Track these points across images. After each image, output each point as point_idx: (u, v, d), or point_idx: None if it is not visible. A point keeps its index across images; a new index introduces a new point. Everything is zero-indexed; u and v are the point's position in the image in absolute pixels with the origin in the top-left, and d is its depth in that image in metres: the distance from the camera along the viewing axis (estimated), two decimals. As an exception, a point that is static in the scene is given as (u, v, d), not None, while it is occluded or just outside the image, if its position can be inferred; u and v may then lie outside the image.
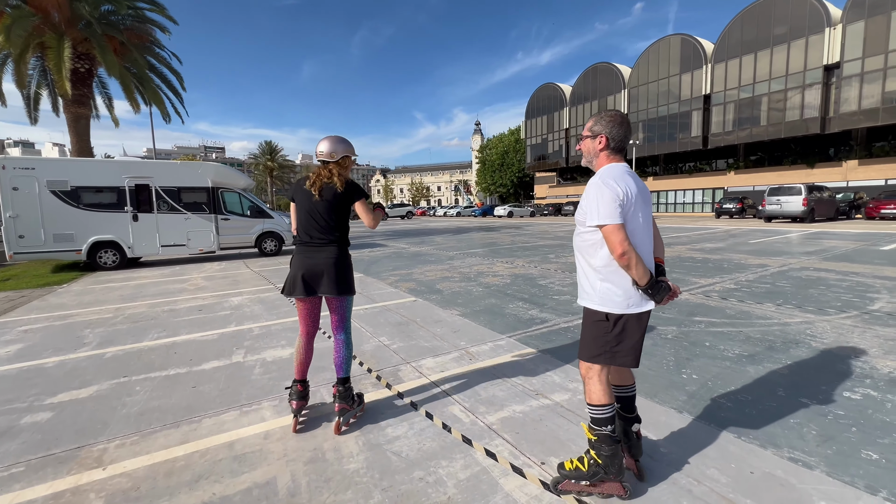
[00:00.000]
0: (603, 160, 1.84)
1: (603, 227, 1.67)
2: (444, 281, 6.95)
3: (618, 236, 1.64)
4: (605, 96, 43.76)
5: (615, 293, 1.73)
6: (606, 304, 1.75)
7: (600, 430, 1.78)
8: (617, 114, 1.84)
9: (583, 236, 1.81)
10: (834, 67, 28.55)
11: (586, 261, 1.81)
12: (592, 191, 1.72)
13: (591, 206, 1.71)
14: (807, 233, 13.84)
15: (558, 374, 3.09)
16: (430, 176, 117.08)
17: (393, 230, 22.69)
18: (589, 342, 1.81)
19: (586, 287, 1.83)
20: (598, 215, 1.67)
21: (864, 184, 28.41)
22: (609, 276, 1.74)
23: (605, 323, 1.76)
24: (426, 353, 3.61)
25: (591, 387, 1.81)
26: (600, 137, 1.82)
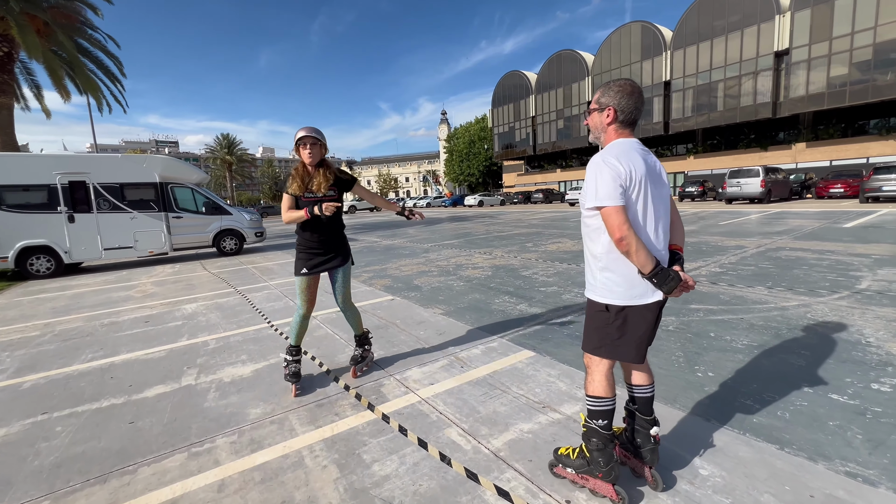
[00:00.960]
0: (610, 136, 1.67)
1: (601, 208, 1.52)
2: (421, 276, 6.52)
3: (616, 219, 1.48)
4: (570, 83, 44.07)
5: (615, 283, 1.59)
6: (606, 295, 1.62)
7: (593, 422, 1.69)
8: (627, 82, 1.65)
9: (585, 221, 1.65)
10: (783, 54, 29.79)
11: (589, 248, 1.68)
12: (591, 170, 1.56)
13: (589, 186, 1.55)
14: (769, 213, 14.30)
15: (562, 380, 2.75)
16: (398, 167, 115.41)
17: (362, 223, 21.96)
18: (591, 333, 1.71)
19: (588, 277, 1.71)
20: (597, 196, 1.51)
21: (811, 165, 30.03)
22: (609, 265, 1.60)
23: (606, 314, 1.64)
24: (411, 362, 3.19)
25: (593, 377, 1.72)
26: (608, 110, 1.65)
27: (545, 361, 3.05)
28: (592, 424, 1.69)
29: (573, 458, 1.76)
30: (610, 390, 1.70)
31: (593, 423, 1.69)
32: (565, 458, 1.79)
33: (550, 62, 45.79)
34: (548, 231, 12.27)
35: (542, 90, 47.06)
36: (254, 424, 2.42)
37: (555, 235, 11.00)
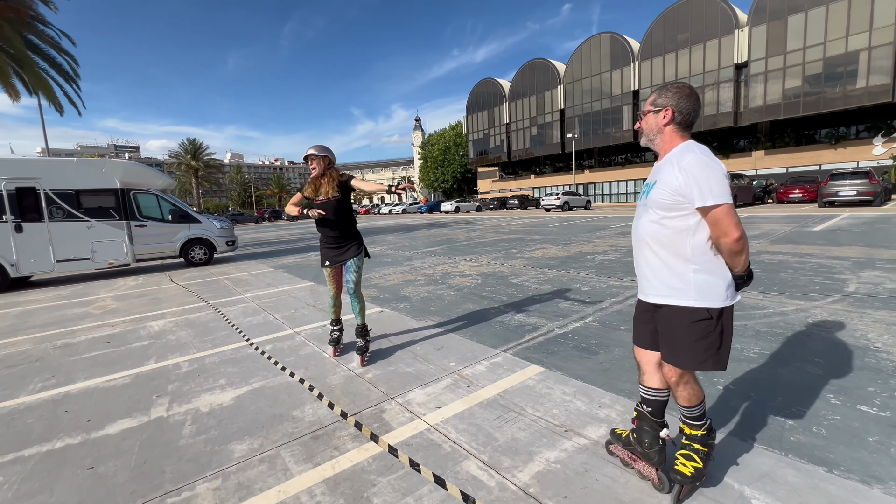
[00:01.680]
0: (672, 137, 1.65)
1: (717, 207, 1.46)
2: (408, 285, 6.25)
3: (734, 217, 1.46)
4: (543, 91, 44.90)
5: (715, 284, 1.54)
6: (707, 299, 1.54)
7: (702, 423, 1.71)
8: (685, 85, 1.65)
9: (666, 223, 1.58)
10: (743, 66, 31.37)
11: (670, 251, 1.59)
12: (701, 167, 1.48)
13: (699, 184, 1.47)
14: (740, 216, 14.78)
15: (579, 398, 2.56)
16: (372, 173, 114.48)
17: (338, 230, 21.40)
18: (690, 346, 1.58)
19: (671, 282, 1.60)
20: (713, 194, 1.45)
21: (770, 171, 31.61)
22: (706, 266, 1.54)
23: (710, 321, 1.55)
24: (412, 382, 2.93)
25: (688, 391, 1.68)
26: (665, 111, 1.64)
27: (556, 377, 2.86)
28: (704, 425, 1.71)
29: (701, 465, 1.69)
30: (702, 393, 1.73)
31: (704, 424, 1.71)
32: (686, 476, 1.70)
33: (523, 70, 46.56)
34: (529, 237, 12.23)
35: (516, 98, 47.75)
36: (240, 464, 2.10)
37: (538, 241, 10.95)
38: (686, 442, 1.73)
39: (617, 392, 2.60)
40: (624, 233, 11.82)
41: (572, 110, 42.30)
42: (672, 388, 1.71)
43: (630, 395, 2.55)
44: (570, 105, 42.47)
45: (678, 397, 1.71)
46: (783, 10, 28.98)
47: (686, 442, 1.73)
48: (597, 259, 7.52)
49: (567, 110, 42.80)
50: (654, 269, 1.65)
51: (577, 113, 41.88)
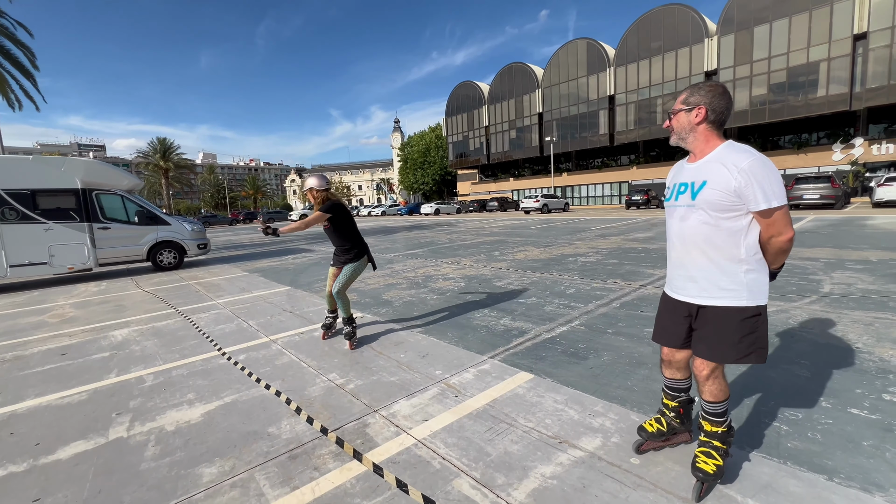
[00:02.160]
0: (708, 136, 1.65)
1: (780, 209, 1.50)
2: (390, 289, 6.08)
3: (789, 217, 1.53)
4: (521, 95, 45.38)
5: (762, 282, 1.60)
6: (756, 297, 1.59)
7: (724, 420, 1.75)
8: (717, 84, 1.66)
9: (721, 224, 1.59)
10: (712, 74, 32.46)
11: (723, 253, 1.60)
12: (760, 168, 1.49)
13: (762, 186, 1.48)
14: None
15: (572, 406, 2.47)
16: (351, 175, 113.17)
17: (316, 232, 20.91)
18: (735, 343, 1.61)
19: (723, 283, 1.61)
20: (776, 196, 1.49)
21: (738, 176, 32.75)
22: (756, 266, 1.59)
23: (758, 318, 1.60)
24: (396, 393, 2.78)
25: (716, 386, 1.72)
26: (698, 110, 1.63)
27: (547, 385, 2.77)
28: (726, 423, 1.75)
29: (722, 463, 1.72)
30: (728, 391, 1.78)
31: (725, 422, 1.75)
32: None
33: (502, 74, 46.94)
34: (511, 239, 12.22)
35: (495, 101, 48.09)
36: (209, 491, 1.91)
37: (519, 244, 10.94)
38: (705, 439, 1.76)
39: (609, 399, 2.52)
40: (604, 235, 11.95)
41: (550, 114, 42.89)
42: (700, 383, 1.75)
43: (623, 401, 2.48)
44: (548, 109, 43.06)
45: (705, 392, 1.75)
46: (749, 21, 30.19)
47: (705, 439, 1.76)
48: (579, 261, 7.53)
49: (545, 114, 43.38)
50: (704, 271, 1.65)
51: (555, 117, 42.49)
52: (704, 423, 1.77)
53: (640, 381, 2.73)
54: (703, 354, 1.69)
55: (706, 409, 1.76)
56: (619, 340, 3.49)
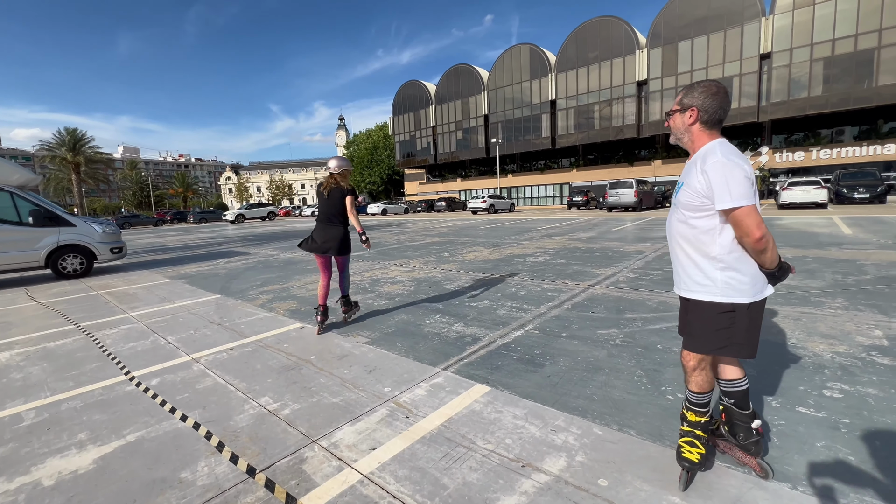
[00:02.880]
0: (700, 136, 1.67)
1: (737, 209, 1.50)
2: (333, 295, 5.64)
3: (755, 218, 1.50)
4: (468, 96, 45.85)
5: (741, 281, 1.59)
6: (731, 295, 1.60)
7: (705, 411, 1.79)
8: (712, 83, 1.66)
9: (692, 223, 1.64)
10: (643, 84, 34.81)
11: (697, 250, 1.65)
12: (721, 169, 1.51)
13: (719, 186, 1.51)
14: (646, 220, 16.21)
15: (532, 422, 2.30)
16: (293, 173, 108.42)
17: (254, 234, 19.59)
18: (709, 335, 1.67)
19: (698, 278, 1.67)
20: (731, 196, 1.49)
21: (666, 179, 35.42)
22: (733, 264, 1.60)
23: (732, 314, 1.62)
24: (339, 416, 2.46)
25: (703, 376, 1.76)
26: (691, 111, 1.66)
27: (505, 398, 2.58)
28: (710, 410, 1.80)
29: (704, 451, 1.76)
30: (713, 383, 1.80)
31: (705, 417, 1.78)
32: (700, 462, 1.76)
33: (448, 75, 47.15)
34: (460, 240, 12.12)
35: (441, 101, 48.19)
36: (91, 569, 1.49)
37: (468, 244, 10.85)
38: (688, 429, 1.80)
39: (570, 411, 2.39)
40: (549, 234, 12.22)
41: (496, 116, 43.73)
42: (687, 374, 1.80)
43: (584, 413, 2.35)
44: (493, 111, 43.86)
45: (690, 382, 1.79)
46: (674, 36, 32.72)
47: (688, 429, 1.80)
48: (528, 261, 7.55)
49: (491, 116, 44.16)
50: (683, 266, 1.72)
51: (501, 119, 43.39)
52: (688, 414, 1.81)
53: (599, 389, 2.63)
54: (685, 345, 1.78)
55: (691, 399, 1.81)
56: (574, 344, 3.41)
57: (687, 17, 31.93)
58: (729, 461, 1.89)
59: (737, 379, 1.81)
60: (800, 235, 9.34)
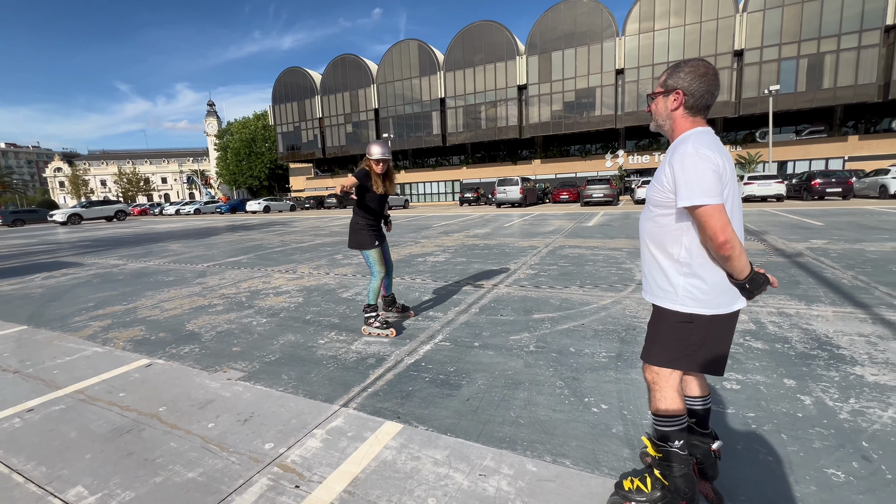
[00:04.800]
0: (682, 122, 1.47)
1: (700, 207, 1.31)
2: (198, 314, 4.59)
3: (719, 220, 1.30)
4: (357, 88, 44.19)
5: (702, 290, 1.41)
6: (690, 305, 1.43)
7: (669, 446, 1.49)
8: (700, 63, 1.45)
9: (659, 220, 1.47)
10: (524, 88, 37.44)
11: (662, 251, 1.48)
12: (685, 161, 1.33)
13: (683, 181, 1.33)
14: (533, 215, 17.31)
15: (456, 466, 1.92)
16: (150, 165, 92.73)
17: (94, 238, 15.89)
18: (666, 345, 1.49)
19: (661, 283, 1.49)
20: (693, 193, 1.31)
21: (544, 177, 38.80)
22: (696, 271, 1.41)
23: (689, 325, 1.44)
24: (197, 502, 1.76)
25: (663, 394, 1.51)
26: (675, 94, 1.45)
27: (421, 437, 2.16)
28: (669, 447, 1.49)
29: (647, 490, 1.52)
30: (683, 404, 1.53)
31: (669, 447, 1.49)
32: (637, 493, 1.53)
33: (335, 64, 44.86)
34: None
35: (329, 92, 45.70)
36: None
37: (364, 244, 10.16)
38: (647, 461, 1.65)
39: (498, 444, 2.06)
40: (446, 231, 12.16)
41: (386, 111, 42.97)
42: (648, 390, 1.59)
43: (513, 444, 2.05)
44: (384, 105, 43.02)
45: (650, 401, 1.57)
46: (548, 46, 35.80)
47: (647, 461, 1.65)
48: (428, 261, 7.24)
49: (381, 110, 43.25)
50: (649, 268, 1.55)
51: (392, 114, 42.77)
52: (647, 441, 1.59)
53: (523, 410, 2.37)
54: (642, 353, 1.59)
55: (653, 421, 1.57)
56: (489, 356, 3.14)
57: (557, 31, 35.18)
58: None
59: (702, 396, 1.64)
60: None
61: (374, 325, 3.64)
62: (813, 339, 3.13)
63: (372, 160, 3.60)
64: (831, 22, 28.46)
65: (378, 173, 3.63)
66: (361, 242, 3.66)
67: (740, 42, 30.67)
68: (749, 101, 30.88)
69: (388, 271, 3.94)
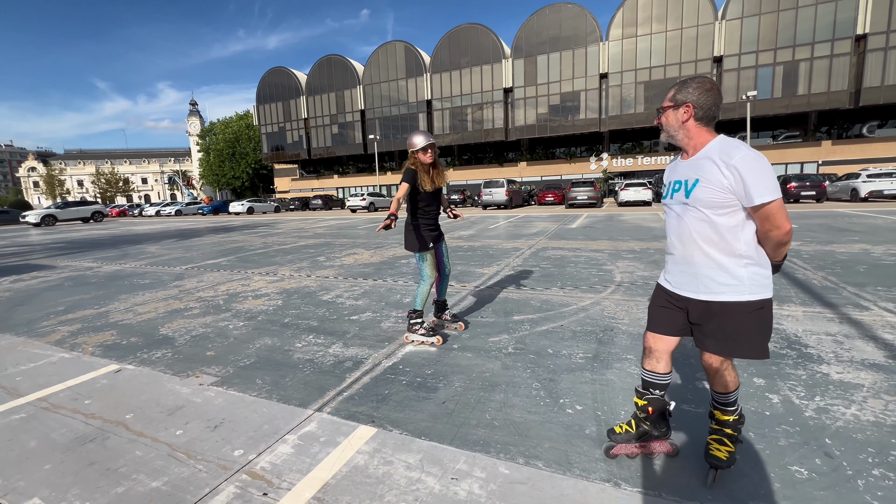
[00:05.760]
0: (699, 132, 1.64)
1: (771, 203, 1.47)
2: (173, 318, 4.48)
3: (785, 210, 1.49)
4: (342, 89, 43.94)
5: (764, 275, 1.60)
6: (759, 291, 1.58)
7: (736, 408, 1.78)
8: (705, 79, 1.64)
9: (714, 220, 1.58)
10: (510, 91, 37.71)
11: (720, 249, 1.59)
12: (753, 165, 1.47)
13: (753, 182, 1.46)
14: (518, 217, 17.41)
15: (429, 470, 1.90)
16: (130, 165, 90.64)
17: (68, 240, 15.41)
18: (752, 337, 1.62)
19: (722, 279, 1.60)
20: (768, 190, 1.46)
21: (530, 179, 39.10)
22: (756, 259, 1.59)
23: (762, 311, 1.59)
24: (159, 514, 1.71)
25: (727, 377, 1.73)
26: (685, 107, 1.63)
27: (395, 441, 2.13)
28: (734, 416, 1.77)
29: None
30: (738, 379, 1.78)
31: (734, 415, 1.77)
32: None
33: (321, 65, 44.54)
34: (338, 241, 11.25)
35: (314, 92, 45.33)
36: None
37: (347, 246, 10.09)
38: (717, 427, 1.79)
39: (471, 446, 2.06)
40: (431, 234, 12.13)
41: (373, 112, 42.81)
42: (711, 376, 1.76)
43: (486, 447, 2.04)
44: (370, 107, 42.86)
45: (716, 384, 1.76)
46: (533, 50, 36.15)
47: (717, 427, 1.79)
48: (411, 263, 7.22)
49: (367, 112, 43.08)
50: (703, 268, 1.63)
51: (378, 115, 42.64)
52: (716, 413, 1.80)
53: (499, 412, 2.36)
54: (711, 349, 1.68)
55: (717, 399, 1.79)
56: (467, 357, 3.13)
57: (543, 35, 35.56)
58: (600, 477, 1.76)
59: (667, 373, 1.83)
60: (638, 230, 10.92)
61: (419, 332, 3.42)
62: (783, 339, 3.20)
63: (419, 150, 3.30)
64: (805, 30, 29.42)
65: (427, 163, 3.34)
66: (412, 244, 3.43)
67: (719, 48, 31.46)
68: (728, 107, 31.66)
69: (445, 275, 3.67)
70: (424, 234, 3.44)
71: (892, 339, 3.09)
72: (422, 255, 3.43)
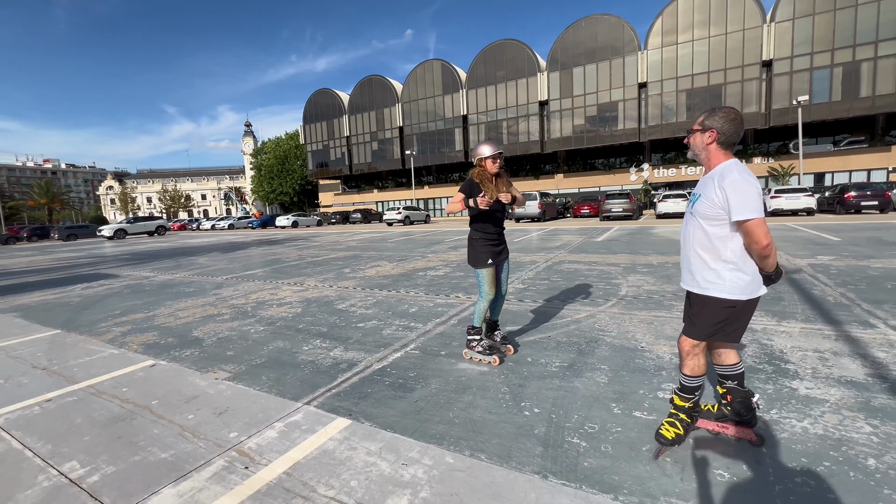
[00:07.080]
0: (716, 155, 1.94)
1: (749, 221, 1.77)
2: (206, 322, 5.06)
3: (764, 228, 1.78)
4: (382, 108, 45.70)
5: (745, 281, 1.88)
6: (736, 293, 1.89)
7: (692, 397, 2.08)
8: (731, 110, 1.91)
9: (708, 230, 1.91)
10: (545, 103, 37.68)
11: (711, 254, 1.93)
12: (737, 187, 1.78)
13: (735, 201, 1.78)
14: (547, 230, 17.36)
15: (385, 457, 2.17)
16: (191, 182, 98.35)
17: (134, 252, 17.16)
18: (708, 325, 1.96)
19: (710, 277, 1.94)
20: (745, 210, 1.76)
21: (567, 191, 38.56)
22: (741, 266, 1.88)
23: (733, 309, 1.91)
24: (162, 478, 2.10)
25: (696, 361, 2.05)
26: (710, 132, 1.91)
27: (364, 431, 2.43)
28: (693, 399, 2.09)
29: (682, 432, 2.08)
30: (706, 369, 2.08)
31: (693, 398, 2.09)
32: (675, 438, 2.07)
33: (362, 85, 46.66)
34: (366, 254, 11.81)
35: (356, 111, 47.46)
36: None
37: (373, 259, 10.60)
38: (673, 411, 2.12)
39: (428, 439, 2.31)
40: (455, 247, 12.44)
41: (410, 128, 44.14)
42: (682, 357, 2.08)
43: (441, 440, 2.28)
44: (408, 123, 44.24)
45: (684, 366, 2.07)
46: (569, 63, 36.02)
47: (673, 411, 2.12)
48: (428, 275, 7.54)
49: (406, 128, 44.47)
50: (696, 268, 1.98)
51: (416, 131, 43.90)
52: (675, 398, 2.11)
53: (462, 411, 2.60)
54: (685, 331, 2.06)
55: (682, 382, 2.08)
56: (450, 363, 3.38)
57: (579, 47, 35.40)
58: (564, 476, 1.93)
59: (736, 363, 2.07)
60: (664, 243, 10.64)
61: (477, 350, 3.36)
62: (766, 354, 3.19)
63: (487, 159, 3.23)
64: (867, 29, 27.38)
65: (493, 173, 3.27)
66: (474, 259, 3.32)
67: (769, 52, 29.91)
68: (780, 112, 29.91)
69: (500, 294, 3.46)
70: (485, 248, 3.29)
71: (882, 357, 3.01)
72: (481, 272, 3.30)
